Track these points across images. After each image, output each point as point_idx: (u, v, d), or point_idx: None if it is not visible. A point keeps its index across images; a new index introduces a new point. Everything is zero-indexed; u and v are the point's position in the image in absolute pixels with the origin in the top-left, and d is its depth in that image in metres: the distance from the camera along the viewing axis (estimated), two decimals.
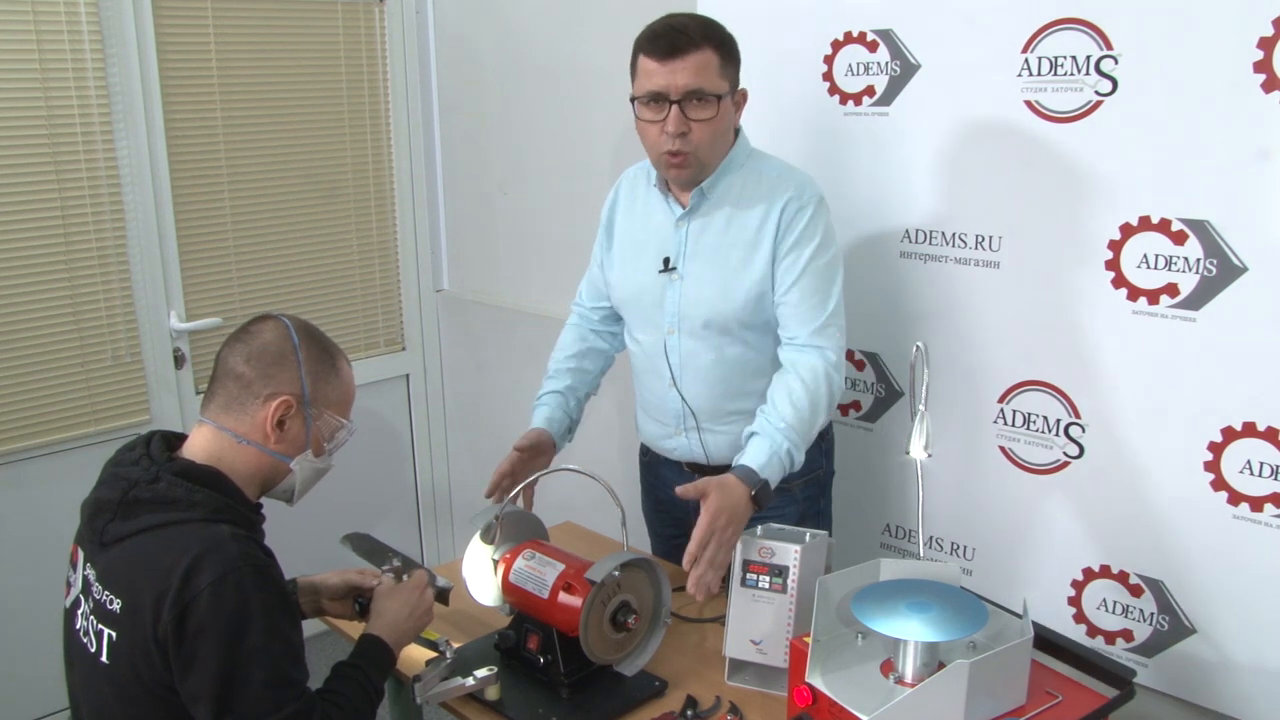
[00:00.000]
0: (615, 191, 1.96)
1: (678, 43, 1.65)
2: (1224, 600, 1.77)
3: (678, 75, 1.65)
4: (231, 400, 1.45)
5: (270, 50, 2.83)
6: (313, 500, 1.64)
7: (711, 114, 1.68)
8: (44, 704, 2.62)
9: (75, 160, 2.51)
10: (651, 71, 1.68)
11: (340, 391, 1.53)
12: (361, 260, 3.11)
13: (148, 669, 1.32)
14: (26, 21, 2.39)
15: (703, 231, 1.80)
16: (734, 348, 1.81)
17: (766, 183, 1.78)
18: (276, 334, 1.47)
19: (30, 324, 2.51)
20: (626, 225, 1.92)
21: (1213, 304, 1.69)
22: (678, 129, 1.68)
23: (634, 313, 1.91)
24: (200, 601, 1.27)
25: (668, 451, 1.96)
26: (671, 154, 1.71)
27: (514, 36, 2.86)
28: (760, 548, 1.58)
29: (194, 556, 1.29)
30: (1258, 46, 1.58)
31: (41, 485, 2.56)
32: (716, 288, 1.78)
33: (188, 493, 1.36)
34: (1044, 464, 1.95)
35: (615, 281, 1.93)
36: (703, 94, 1.67)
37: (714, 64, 1.67)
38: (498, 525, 1.69)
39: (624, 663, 1.61)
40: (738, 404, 1.84)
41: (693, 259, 1.81)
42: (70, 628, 1.44)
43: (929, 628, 1.29)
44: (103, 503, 1.39)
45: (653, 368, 1.89)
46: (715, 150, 1.74)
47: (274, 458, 1.47)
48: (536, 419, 1.96)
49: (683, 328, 1.82)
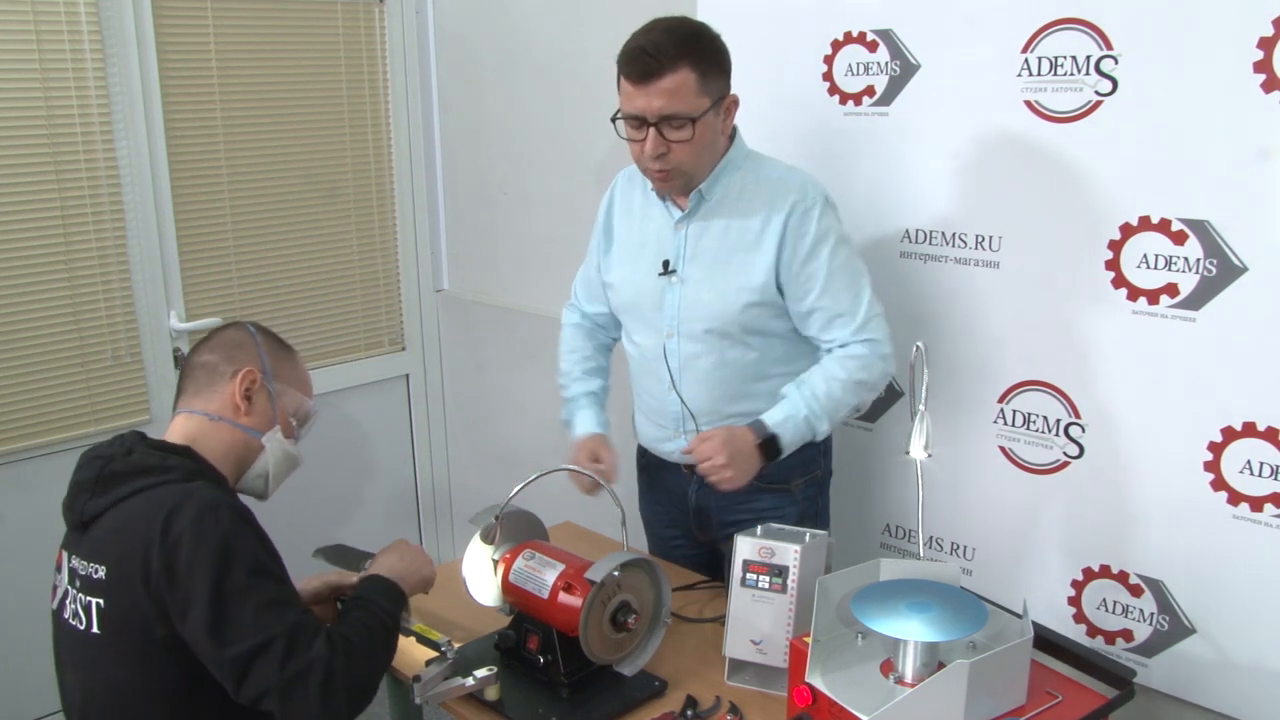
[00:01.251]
0: (611, 193, 1.96)
1: (650, 66, 1.62)
2: (1224, 600, 1.77)
3: (652, 99, 1.63)
4: (201, 386, 1.54)
5: (270, 50, 2.83)
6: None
7: (688, 135, 1.66)
8: (44, 704, 2.62)
9: (75, 160, 2.50)
10: (629, 94, 1.66)
11: (298, 374, 1.64)
12: (361, 260, 3.11)
13: (140, 626, 1.34)
14: (26, 21, 2.39)
15: (702, 234, 1.79)
16: (734, 351, 1.81)
17: (766, 185, 1.77)
18: (236, 330, 1.60)
19: (30, 324, 2.51)
20: (625, 228, 1.92)
21: (1213, 304, 1.69)
22: (655, 150, 1.67)
23: (633, 316, 1.91)
24: (184, 541, 1.31)
25: (666, 454, 1.96)
26: (655, 170, 1.72)
27: (514, 36, 2.86)
28: (760, 548, 1.58)
29: (171, 507, 1.34)
30: (1258, 46, 1.58)
31: (41, 485, 2.56)
32: (716, 291, 1.78)
33: (161, 460, 1.43)
34: (1044, 464, 1.95)
35: (615, 283, 1.92)
36: (678, 117, 1.65)
37: (690, 83, 1.63)
38: (498, 525, 1.69)
39: (624, 663, 1.61)
40: (738, 406, 1.83)
41: (692, 262, 1.80)
42: (59, 624, 1.46)
43: (929, 628, 1.29)
44: (80, 484, 1.44)
45: (651, 371, 1.89)
46: (700, 162, 1.73)
47: (246, 433, 1.54)
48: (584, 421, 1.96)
49: (682, 331, 1.82)
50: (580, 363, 2.03)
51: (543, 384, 2.96)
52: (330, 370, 3.04)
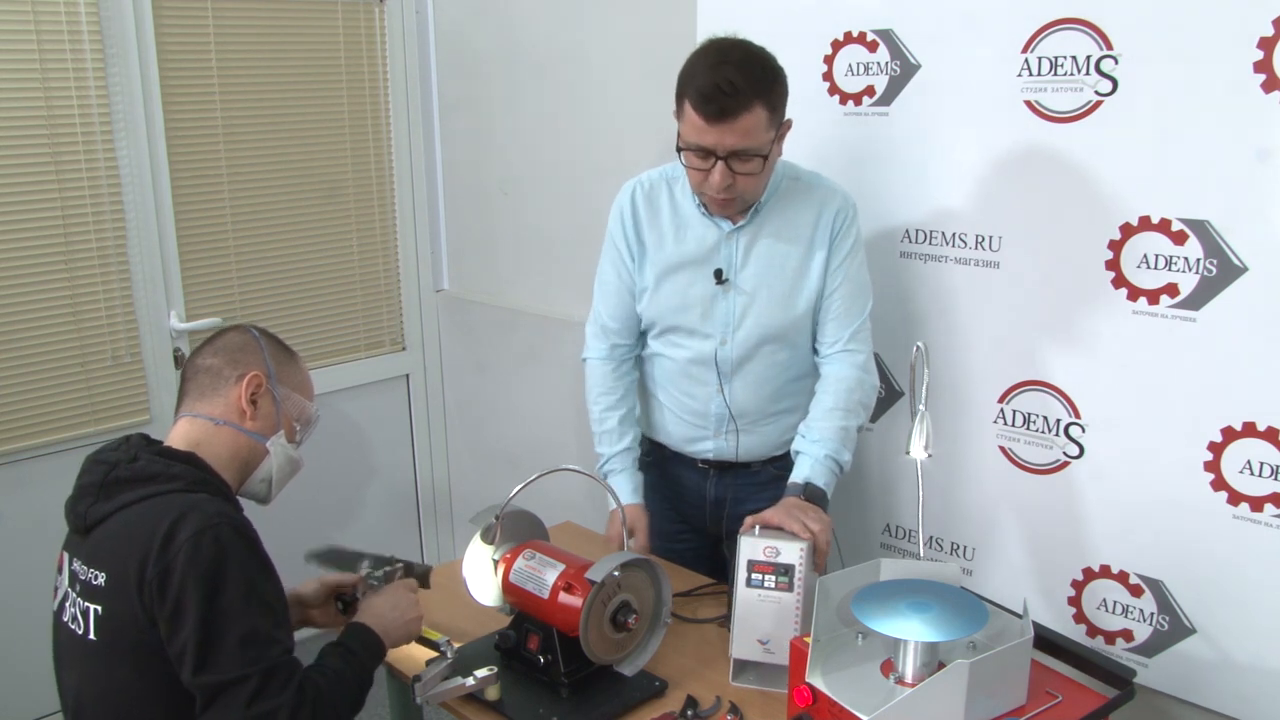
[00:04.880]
0: (631, 205, 1.90)
1: (728, 107, 1.61)
2: (1224, 600, 1.77)
3: (725, 136, 1.64)
4: (205, 390, 1.53)
5: (270, 50, 2.83)
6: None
7: (758, 169, 1.69)
8: (44, 704, 2.62)
9: (75, 160, 2.50)
10: (700, 129, 1.65)
11: (301, 378, 1.62)
12: (361, 260, 3.11)
13: (136, 635, 1.33)
14: (26, 21, 2.39)
15: (754, 240, 1.82)
16: (783, 353, 1.87)
17: (804, 189, 1.84)
18: (239, 333, 1.58)
19: (30, 324, 2.51)
20: (657, 238, 1.88)
21: (1213, 304, 1.69)
22: (723, 182, 1.68)
23: (676, 325, 1.89)
24: (180, 557, 1.30)
25: (692, 452, 1.98)
26: (718, 198, 1.73)
27: (514, 36, 2.86)
28: (765, 548, 1.58)
29: (173, 519, 1.32)
30: (1258, 46, 1.58)
31: (41, 485, 2.56)
32: (777, 300, 1.83)
33: (166, 467, 1.41)
34: (1044, 464, 1.95)
35: (660, 297, 1.89)
36: (749, 152, 1.66)
37: (763, 121, 1.64)
38: (498, 525, 1.69)
39: (624, 663, 1.61)
40: (780, 404, 1.91)
41: (744, 270, 1.83)
42: (59, 624, 1.46)
43: (929, 628, 1.29)
44: (85, 488, 1.44)
45: (692, 375, 1.90)
46: (761, 188, 1.76)
47: (250, 437, 1.52)
48: (623, 490, 1.94)
49: (736, 338, 1.85)
50: (614, 412, 1.98)
51: (543, 384, 2.97)
52: (330, 370, 3.04)
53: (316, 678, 1.38)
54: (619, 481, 1.96)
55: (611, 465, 1.97)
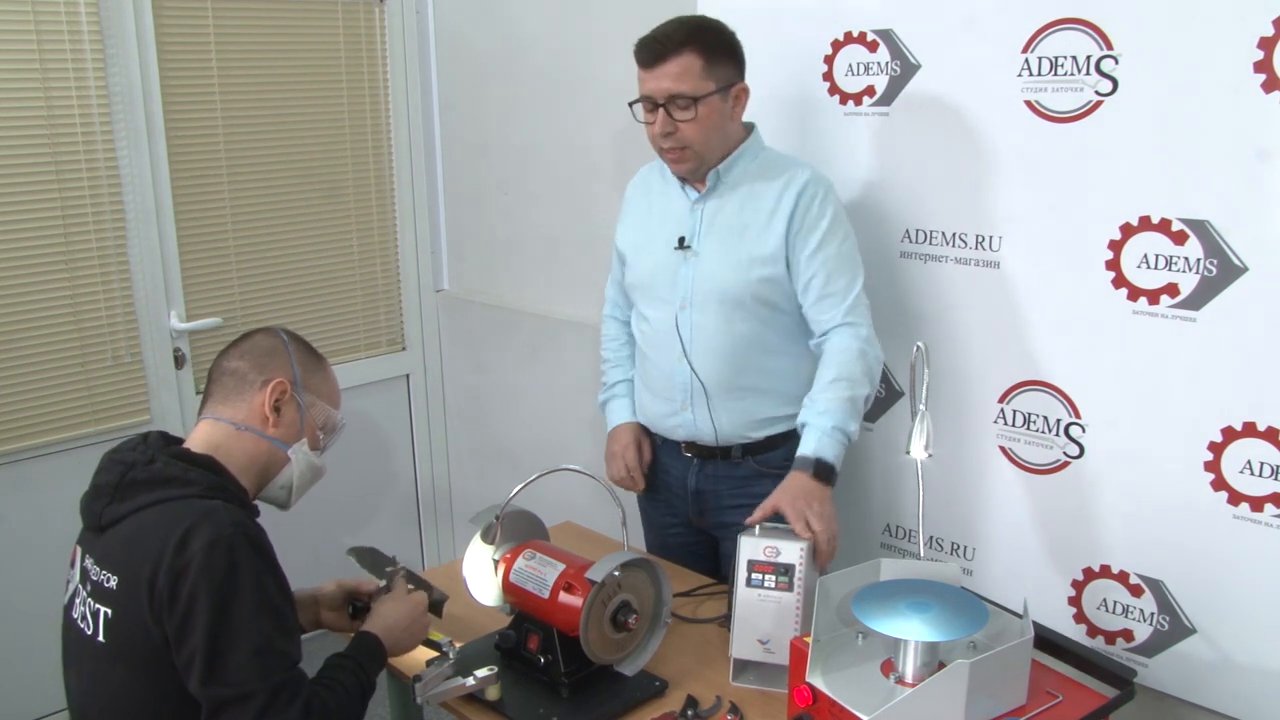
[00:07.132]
0: (634, 184, 2.07)
1: (656, 50, 1.77)
2: (1224, 600, 1.77)
3: (660, 80, 1.78)
4: (229, 393, 1.51)
5: (270, 50, 2.83)
6: (313, 500, 1.64)
7: (693, 115, 1.78)
8: (44, 704, 2.62)
9: (75, 160, 2.50)
10: (641, 78, 1.81)
11: (329, 386, 1.62)
12: (361, 260, 3.11)
13: (145, 641, 1.33)
14: (26, 21, 2.39)
15: (718, 211, 1.89)
16: (746, 323, 1.88)
17: (776, 165, 1.90)
18: (267, 336, 1.57)
19: (30, 324, 2.50)
20: (642, 205, 2.02)
21: (1213, 304, 1.69)
22: (663, 129, 1.80)
23: (647, 291, 1.98)
24: (192, 567, 1.29)
25: (670, 431, 2.00)
26: (666, 149, 1.84)
27: (514, 36, 2.86)
28: (765, 548, 1.58)
29: (187, 526, 1.32)
30: (1258, 46, 1.58)
31: (41, 485, 2.56)
32: (730, 262, 1.86)
33: (183, 471, 1.40)
34: (1044, 464, 1.95)
35: (631, 262, 2.01)
36: (683, 97, 1.77)
37: (695, 67, 1.76)
38: (498, 525, 1.69)
39: (624, 663, 1.61)
40: (748, 379, 1.91)
41: (707, 236, 1.89)
42: (68, 621, 1.45)
43: (929, 628, 1.29)
44: (101, 487, 1.42)
45: (662, 343, 1.95)
46: (710, 144, 1.83)
47: (272, 444, 1.51)
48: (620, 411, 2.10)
49: (695, 301, 1.89)
50: (617, 352, 2.15)
51: (543, 384, 2.97)
52: None
53: (323, 693, 1.38)
54: (616, 405, 2.10)
55: (611, 393, 2.13)
